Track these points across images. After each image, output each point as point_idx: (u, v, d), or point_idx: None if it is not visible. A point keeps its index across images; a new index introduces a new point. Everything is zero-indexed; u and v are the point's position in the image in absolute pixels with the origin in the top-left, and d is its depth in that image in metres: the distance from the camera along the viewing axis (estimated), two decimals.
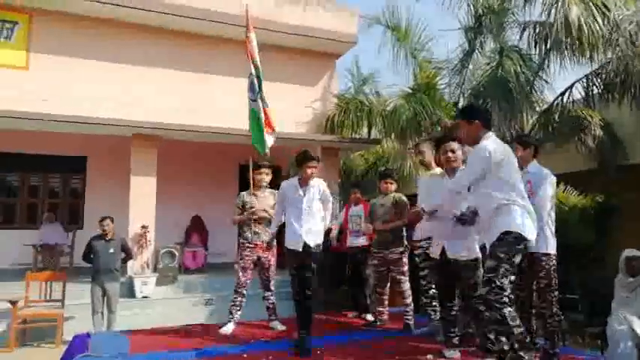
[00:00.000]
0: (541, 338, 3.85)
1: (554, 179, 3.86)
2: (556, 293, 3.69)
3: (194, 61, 9.43)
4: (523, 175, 3.77)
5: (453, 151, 3.84)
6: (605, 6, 6.03)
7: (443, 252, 3.76)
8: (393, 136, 9.21)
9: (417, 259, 4.58)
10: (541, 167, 3.94)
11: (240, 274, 4.78)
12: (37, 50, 8.52)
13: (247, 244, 4.82)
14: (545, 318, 3.69)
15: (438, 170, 4.48)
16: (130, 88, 8.78)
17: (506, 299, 2.98)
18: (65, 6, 8.47)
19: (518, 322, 2.98)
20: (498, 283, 2.99)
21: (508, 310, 2.97)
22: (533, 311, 3.86)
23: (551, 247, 3.71)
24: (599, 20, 5.94)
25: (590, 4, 6.01)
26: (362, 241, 5.33)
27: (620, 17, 5.92)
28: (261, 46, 9.80)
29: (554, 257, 3.71)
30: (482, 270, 3.54)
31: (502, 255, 3.05)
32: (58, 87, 8.29)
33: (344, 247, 5.72)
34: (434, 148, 4.49)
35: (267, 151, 5.25)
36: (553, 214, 3.79)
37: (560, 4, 6.05)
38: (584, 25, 5.87)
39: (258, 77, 5.64)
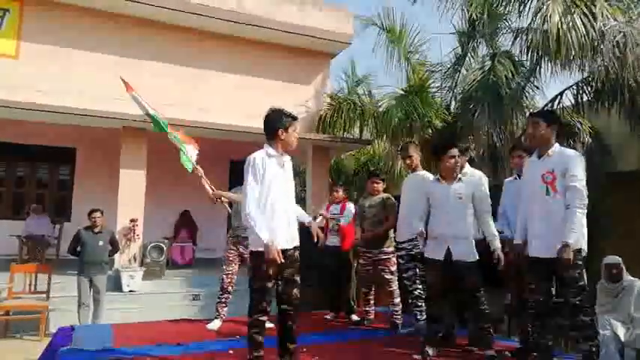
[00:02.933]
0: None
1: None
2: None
3: (187, 56, 9.38)
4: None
5: (453, 157, 3.85)
6: (593, 15, 6.09)
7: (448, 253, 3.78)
8: (384, 137, 9.24)
9: (400, 260, 4.62)
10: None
11: (226, 269, 4.75)
12: (28, 39, 8.42)
13: (234, 239, 4.79)
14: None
15: (425, 173, 4.61)
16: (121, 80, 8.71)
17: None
18: None
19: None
20: (588, 289, 3.25)
21: (596, 317, 3.28)
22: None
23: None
24: (582, 30, 5.99)
25: (575, 14, 6.07)
26: (336, 241, 5.31)
27: (607, 27, 5.97)
28: (256, 44, 9.89)
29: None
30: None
31: (580, 263, 3.24)
32: (49, 77, 8.20)
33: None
34: (420, 152, 4.76)
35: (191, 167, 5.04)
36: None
37: (542, 12, 6.11)
38: (567, 34, 5.93)
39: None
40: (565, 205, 3.25)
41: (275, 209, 3.14)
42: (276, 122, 3.28)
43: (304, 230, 3.45)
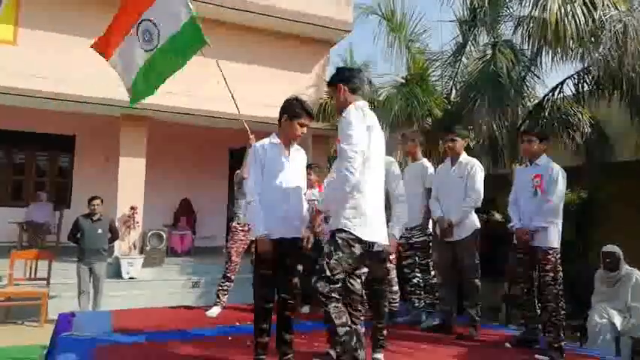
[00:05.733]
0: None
1: (565, 174, 3.82)
2: (561, 287, 3.69)
3: None
4: (529, 169, 3.91)
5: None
6: (593, 4, 6.03)
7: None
8: (384, 125, 9.20)
9: (400, 248, 4.64)
10: (550, 161, 3.90)
11: (233, 258, 4.73)
12: (26, 25, 8.35)
13: (240, 228, 4.76)
14: (549, 311, 3.68)
15: (425, 161, 4.63)
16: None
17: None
18: None
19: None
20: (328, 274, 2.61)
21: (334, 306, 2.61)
22: (539, 304, 3.90)
23: (558, 242, 3.75)
24: (582, 19, 5.94)
25: (576, 3, 6.01)
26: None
27: (607, 16, 5.92)
28: (256, 32, 9.82)
29: (559, 251, 3.74)
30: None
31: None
32: (47, 63, 8.15)
33: None
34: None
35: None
36: (562, 209, 3.81)
37: (542, 0, 6.06)
38: (565, 23, 5.88)
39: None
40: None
41: (269, 198, 3.10)
42: (282, 110, 3.22)
43: None
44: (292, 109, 3.18)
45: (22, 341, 5.72)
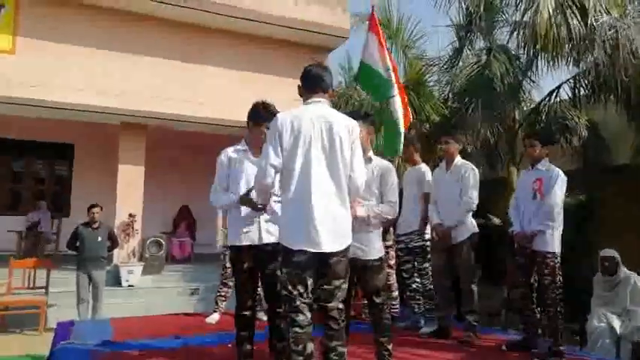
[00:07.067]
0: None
1: (565, 178, 3.80)
2: (560, 291, 3.68)
3: (187, 51, 9.35)
4: (531, 173, 3.93)
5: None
6: (584, 11, 6.07)
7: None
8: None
9: (399, 253, 4.65)
10: (551, 165, 3.91)
11: (229, 264, 4.73)
12: (25, 35, 8.37)
13: None
14: (549, 316, 3.69)
15: (424, 166, 4.66)
16: (119, 75, 8.70)
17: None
18: None
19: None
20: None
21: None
22: (537, 308, 3.91)
23: (557, 247, 3.72)
24: (572, 26, 5.98)
25: (569, 10, 6.05)
26: None
27: (598, 23, 5.96)
28: (253, 38, 9.86)
29: (559, 256, 3.72)
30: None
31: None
32: (46, 72, 8.16)
33: None
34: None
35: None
36: (562, 214, 3.78)
37: (533, 8, 6.11)
38: (555, 30, 5.92)
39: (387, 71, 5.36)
40: None
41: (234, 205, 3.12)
42: (247, 116, 3.24)
43: None
44: (257, 114, 3.17)
45: (23, 350, 5.70)
